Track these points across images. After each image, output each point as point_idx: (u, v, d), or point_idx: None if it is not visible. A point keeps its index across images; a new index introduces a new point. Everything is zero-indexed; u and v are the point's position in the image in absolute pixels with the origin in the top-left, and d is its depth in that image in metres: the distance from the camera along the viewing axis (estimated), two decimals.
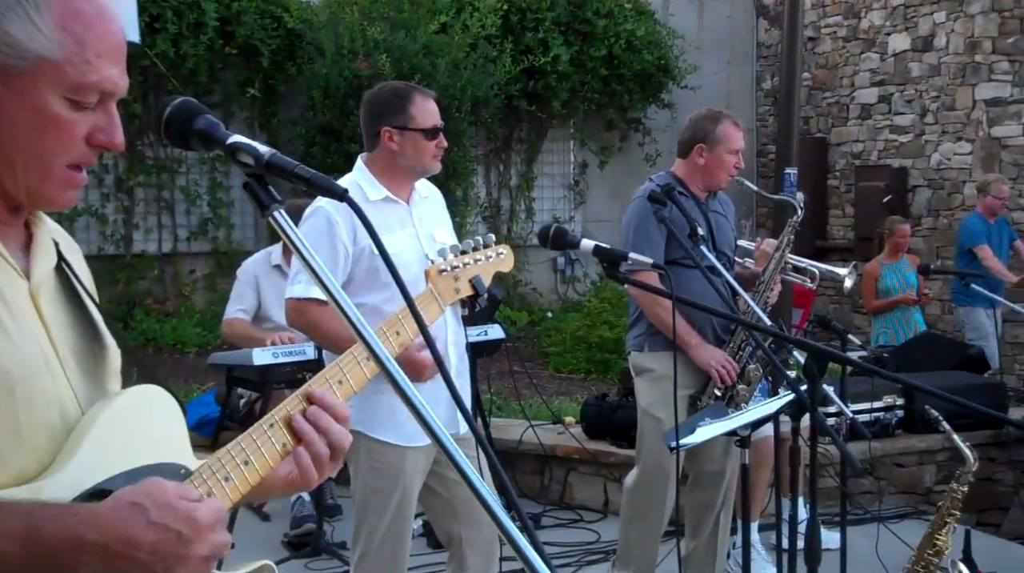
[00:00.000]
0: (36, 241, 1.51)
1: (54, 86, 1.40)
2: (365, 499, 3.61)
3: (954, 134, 10.98)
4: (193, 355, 9.51)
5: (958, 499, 4.02)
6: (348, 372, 1.71)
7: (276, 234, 5.30)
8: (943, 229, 11.08)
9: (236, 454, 1.54)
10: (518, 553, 1.34)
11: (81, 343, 1.52)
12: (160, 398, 1.54)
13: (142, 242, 10.56)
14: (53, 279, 1.51)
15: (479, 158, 11.51)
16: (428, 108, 3.66)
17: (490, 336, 5.97)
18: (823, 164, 12.67)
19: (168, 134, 1.53)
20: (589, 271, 12.07)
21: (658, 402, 4.44)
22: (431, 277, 2.09)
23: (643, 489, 4.59)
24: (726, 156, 4.52)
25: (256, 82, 10.20)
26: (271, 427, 1.57)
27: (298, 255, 1.47)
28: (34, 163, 1.42)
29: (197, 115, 1.52)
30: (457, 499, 3.66)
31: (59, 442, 1.42)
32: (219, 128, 1.52)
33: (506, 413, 7.26)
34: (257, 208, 1.47)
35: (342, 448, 1.60)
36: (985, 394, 6.40)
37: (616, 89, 11.81)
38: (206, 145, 1.52)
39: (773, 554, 5.01)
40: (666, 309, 4.34)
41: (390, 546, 3.60)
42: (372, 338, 1.43)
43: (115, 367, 1.59)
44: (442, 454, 1.39)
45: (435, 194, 3.86)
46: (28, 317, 1.44)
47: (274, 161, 1.47)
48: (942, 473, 6.48)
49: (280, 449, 1.57)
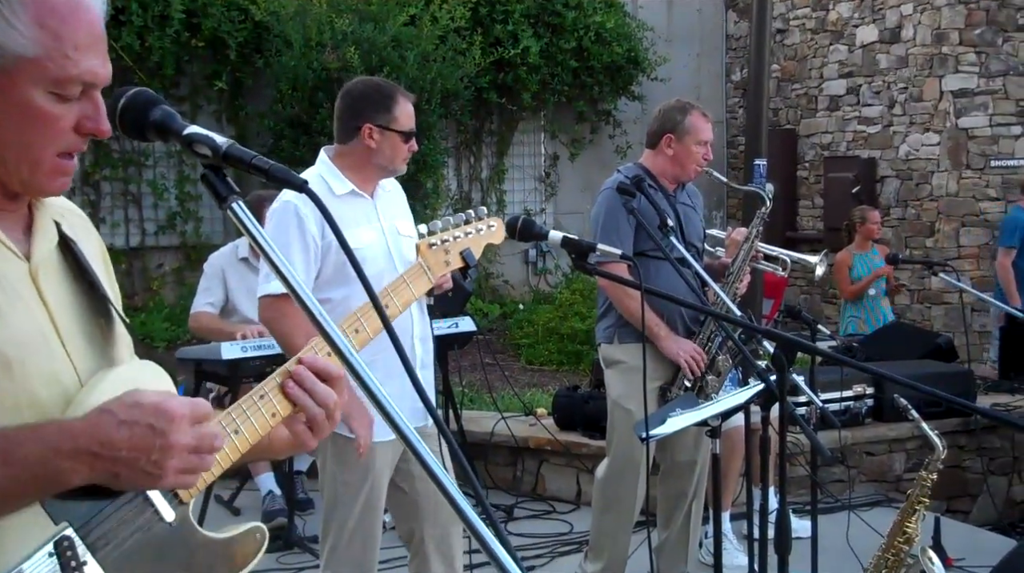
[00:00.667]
0: (36, 223, 1.54)
1: (36, 82, 1.42)
2: (334, 493, 3.59)
3: (922, 125, 11.05)
4: (162, 350, 9.43)
5: (928, 487, 4.05)
6: None
7: None
8: (911, 219, 11.15)
9: (227, 424, 1.58)
10: (483, 546, 1.32)
11: (86, 319, 1.56)
12: (155, 371, 1.59)
13: (109, 236, 10.44)
14: (56, 258, 1.55)
15: (449, 150, 11.48)
16: (408, 111, 3.64)
17: (461, 328, 5.96)
18: (792, 155, 12.72)
19: (123, 126, 1.50)
20: (561, 263, 12.07)
21: (628, 393, 4.44)
22: (421, 251, 2.09)
23: (614, 480, 4.59)
24: (694, 147, 4.52)
25: (223, 75, 10.11)
26: (261, 398, 1.62)
27: (257, 247, 1.45)
28: (24, 156, 1.45)
29: (153, 106, 1.49)
30: (420, 496, 3.66)
31: (59, 414, 1.46)
32: (175, 119, 1.49)
33: (478, 405, 7.25)
34: (215, 199, 1.45)
35: (331, 407, 1.63)
36: (954, 383, 6.45)
37: (586, 81, 11.81)
38: (162, 136, 1.50)
39: (744, 543, 5.03)
40: (635, 300, 4.33)
41: (360, 539, 3.58)
42: (335, 333, 1.41)
43: (125, 340, 1.63)
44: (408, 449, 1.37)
45: (396, 187, 3.84)
46: (27, 297, 1.47)
47: (231, 152, 1.46)
48: (912, 461, 6.53)
49: (270, 418, 1.62)
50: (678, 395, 4.42)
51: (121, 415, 1.39)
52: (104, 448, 1.37)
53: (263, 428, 1.61)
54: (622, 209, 4.35)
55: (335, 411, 1.64)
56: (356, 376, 1.42)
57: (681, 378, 4.44)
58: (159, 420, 1.39)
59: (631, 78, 12.07)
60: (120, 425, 1.38)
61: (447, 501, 1.37)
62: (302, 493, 5.85)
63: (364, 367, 1.42)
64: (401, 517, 3.78)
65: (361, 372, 1.41)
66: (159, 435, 1.38)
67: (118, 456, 1.37)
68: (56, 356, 1.48)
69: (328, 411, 1.63)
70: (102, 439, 1.37)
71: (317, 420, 1.63)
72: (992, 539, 5.76)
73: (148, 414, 1.39)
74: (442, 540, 3.69)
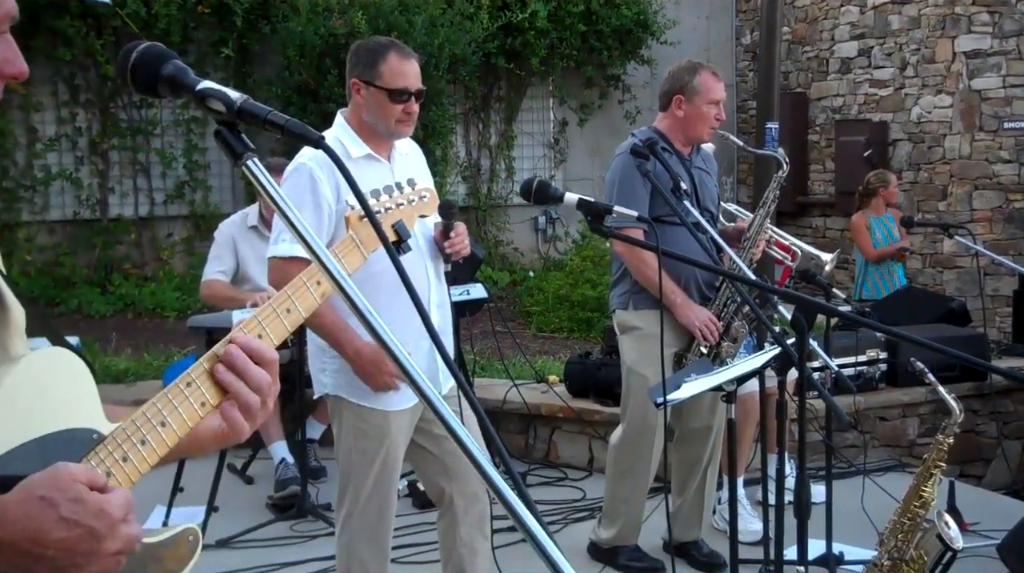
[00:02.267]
0: None
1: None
2: (349, 461, 3.57)
3: (934, 87, 10.94)
4: (172, 319, 9.43)
5: (944, 451, 4.02)
6: (268, 325, 1.59)
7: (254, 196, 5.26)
8: (923, 183, 11.07)
9: (152, 416, 1.45)
10: (506, 506, 1.29)
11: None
12: (68, 360, 1.46)
13: (118, 206, 10.43)
14: None
15: (458, 117, 11.40)
16: (400, 69, 3.52)
17: (472, 295, 5.94)
18: (803, 119, 12.62)
19: (134, 81, 1.45)
20: (570, 230, 12.02)
21: (643, 360, 4.41)
22: (351, 224, 1.94)
23: (629, 446, 4.56)
24: (705, 107, 4.45)
25: (230, 42, 10.04)
26: (188, 386, 1.48)
27: (274, 206, 1.41)
28: None
29: (165, 60, 1.44)
30: (447, 455, 3.64)
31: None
32: (188, 74, 1.44)
33: (489, 373, 7.23)
34: (229, 157, 1.40)
35: (265, 392, 1.51)
36: (967, 346, 6.40)
37: (595, 45, 11.70)
38: (175, 92, 1.44)
39: (758, 509, 5.02)
40: (650, 266, 4.30)
41: (375, 506, 3.57)
42: (354, 292, 1.38)
43: (19, 327, 1.48)
44: (429, 410, 1.33)
45: (415, 150, 3.78)
46: None
47: (246, 107, 1.40)
48: (925, 426, 6.50)
49: (199, 407, 1.48)
50: (693, 361, 4.38)
51: (63, 511, 1.26)
52: (34, 545, 1.26)
53: (192, 418, 1.47)
54: (638, 173, 4.30)
55: (269, 397, 1.52)
56: (377, 337, 1.37)
57: (696, 345, 4.41)
58: (100, 524, 1.28)
59: (640, 42, 11.96)
60: (59, 522, 1.26)
61: (469, 460, 1.34)
62: (315, 461, 5.84)
63: (384, 327, 1.38)
64: (430, 477, 3.77)
65: (382, 333, 1.37)
66: (96, 540, 1.28)
67: (43, 553, 1.26)
68: None
69: (262, 396, 1.51)
70: (34, 535, 1.25)
71: (251, 407, 1.50)
72: (1006, 503, 5.74)
73: (90, 516, 1.28)
74: (472, 498, 3.69)
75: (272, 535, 5.11)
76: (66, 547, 1.27)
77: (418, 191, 2.17)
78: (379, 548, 3.63)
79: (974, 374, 6.51)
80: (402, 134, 3.59)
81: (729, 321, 4.43)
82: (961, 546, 3.82)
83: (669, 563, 4.59)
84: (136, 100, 10.32)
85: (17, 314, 1.47)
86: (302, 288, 1.63)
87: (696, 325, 4.36)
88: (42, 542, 1.26)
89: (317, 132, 1.40)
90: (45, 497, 1.27)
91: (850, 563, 4.49)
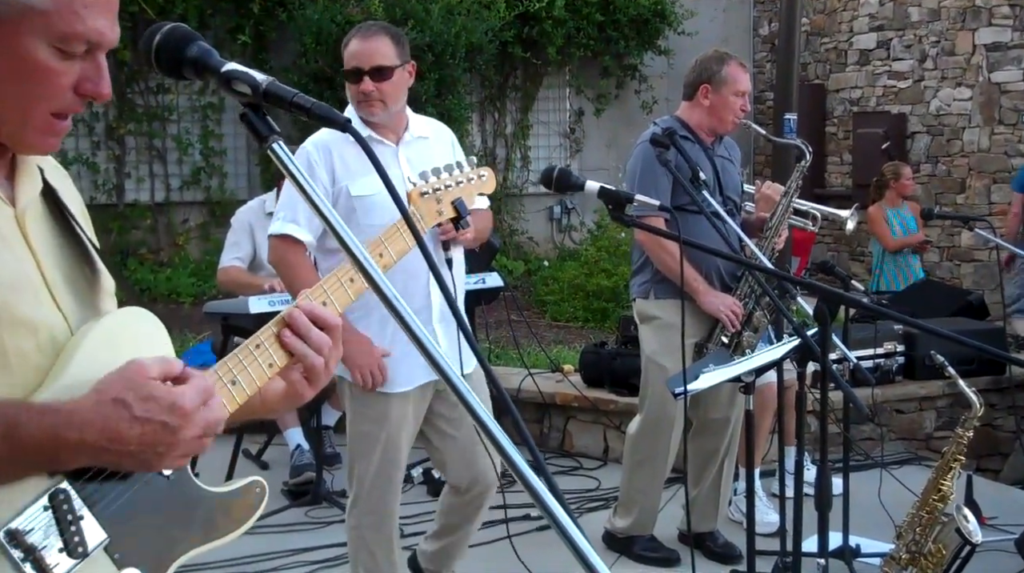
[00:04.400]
0: (19, 168, 1.49)
1: (41, 35, 1.37)
2: (353, 443, 3.63)
3: (954, 79, 10.86)
4: (188, 305, 9.45)
5: (963, 444, 3.99)
6: (332, 294, 1.68)
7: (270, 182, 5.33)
8: (942, 176, 11.00)
9: (223, 374, 1.53)
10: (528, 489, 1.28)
11: (72, 266, 1.52)
12: (146, 318, 1.54)
13: (134, 191, 10.45)
14: (40, 205, 1.51)
15: (474, 105, 11.38)
16: (353, 50, 3.55)
17: (488, 284, 5.92)
18: (821, 111, 12.55)
19: (159, 63, 1.44)
20: (586, 220, 11.99)
21: (663, 350, 4.40)
22: (412, 199, 2.04)
23: (647, 436, 4.55)
24: (732, 98, 4.43)
25: (247, 28, 10.04)
26: (257, 348, 1.57)
27: (297, 187, 1.40)
28: (16, 109, 1.40)
29: (190, 42, 1.43)
30: (448, 448, 3.70)
31: (49, 363, 1.42)
32: (213, 55, 1.43)
33: (504, 361, 7.22)
34: (255, 139, 1.40)
35: (326, 354, 1.59)
36: (985, 340, 6.33)
37: (612, 35, 11.66)
38: (199, 74, 1.44)
39: (773, 500, 5.00)
40: (672, 255, 4.28)
41: (379, 490, 3.60)
42: (374, 270, 1.37)
43: (108, 289, 1.59)
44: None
45: (438, 133, 3.75)
46: (14, 242, 1.43)
47: (272, 90, 1.40)
48: (942, 419, 6.47)
49: (267, 368, 1.57)
50: (714, 351, 4.37)
51: (136, 410, 1.34)
52: (113, 443, 1.34)
53: (260, 379, 1.55)
54: (659, 162, 4.28)
55: (331, 360, 1.60)
56: (395, 313, 1.36)
57: (717, 335, 4.39)
58: (173, 417, 1.36)
59: (657, 32, 11.91)
60: (133, 421, 1.34)
61: (488, 439, 1.32)
62: (330, 447, 5.85)
63: (404, 305, 1.37)
64: (442, 469, 3.83)
65: (400, 309, 1.36)
66: (170, 432, 1.36)
67: (126, 449, 1.35)
68: (44, 303, 1.44)
69: (324, 358, 1.59)
70: (112, 435, 1.34)
71: (315, 368, 1.59)
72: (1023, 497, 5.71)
73: (163, 410, 1.36)
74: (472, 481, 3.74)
75: (287, 521, 5.12)
76: (145, 442, 1.35)
77: (477, 171, 2.20)
78: (384, 533, 3.66)
79: (992, 368, 6.48)
80: (369, 115, 3.53)
81: (751, 311, 4.41)
82: (980, 540, 3.80)
83: (684, 553, 4.59)
84: (153, 86, 10.33)
85: (107, 281, 1.59)
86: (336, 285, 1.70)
87: (722, 310, 4.33)
88: (121, 440, 1.34)
89: (343, 115, 1.39)
90: (118, 398, 1.35)
91: (867, 556, 4.47)
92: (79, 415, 1.33)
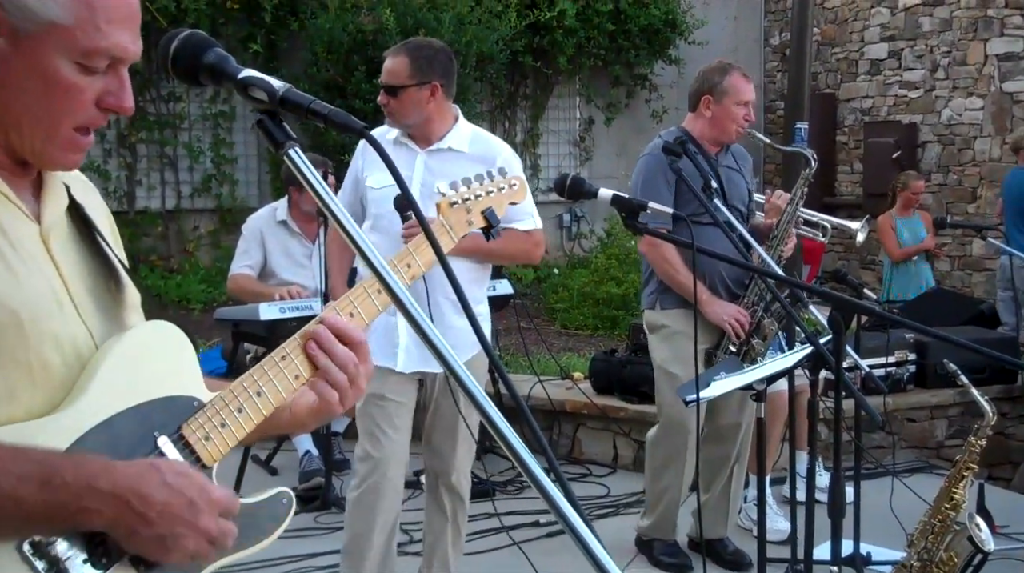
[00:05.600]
0: (46, 185, 1.51)
1: (64, 50, 1.38)
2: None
3: (965, 89, 10.85)
4: (198, 312, 9.47)
5: (976, 453, 3.98)
6: (359, 304, 1.69)
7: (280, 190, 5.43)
8: (953, 185, 10.98)
9: (248, 386, 1.55)
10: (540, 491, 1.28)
11: (96, 282, 1.53)
12: (171, 332, 1.56)
13: (145, 199, 10.49)
14: (66, 221, 1.52)
15: (484, 114, 11.39)
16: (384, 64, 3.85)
17: (498, 291, 5.93)
18: (831, 120, 12.55)
19: (175, 69, 1.45)
20: (595, 227, 11.99)
21: (672, 358, 4.44)
22: (442, 209, 2.05)
23: (663, 443, 4.62)
24: (734, 108, 4.44)
25: (258, 37, 10.08)
26: (283, 359, 1.58)
27: (315, 196, 1.41)
28: (40, 125, 1.41)
29: (207, 48, 1.45)
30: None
31: (73, 378, 1.43)
32: (230, 62, 1.44)
33: (514, 368, 7.22)
34: (271, 146, 1.40)
35: (351, 371, 1.58)
36: (997, 349, 6.32)
37: (623, 44, 11.67)
38: (216, 80, 1.44)
39: (783, 508, 4.99)
40: (672, 264, 4.34)
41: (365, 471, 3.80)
42: (386, 271, 1.37)
43: (134, 303, 1.60)
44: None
45: (483, 151, 3.80)
46: (38, 259, 1.44)
47: (289, 96, 1.40)
48: (953, 428, 6.45)
49: (292, 379, 1.57)
50: (723, 359, 4.38)
51: (168, 477, 1.37)
52: (138, 501, 1.34)
53: (286, 390, 1.56)
54: (661, 174, 4.32)
55: (358, 377, 1.59)
56: (405, 312, 1.37)
57: (726, 342, 4.40)
58: (200, 499, 1.38)
59: (668, 41, 11.92)
60: (163, 486, 1.36)
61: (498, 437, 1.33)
62: (339, 453, 5.85)
63: (413, 303, 1.37)
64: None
65: (410, 308, 1.37)
66: (193, 511, 1.38)
67: (145, 513, 1.35)
68: (69, 318, 1.45)
69: (349, 375, 1.59)
70: (141, 492, 1.35)
71: (339, 383, 1.58)
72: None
73: (193, 489, 1.38)
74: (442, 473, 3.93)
75: (296, 526, 5.07)
76: (168, 512, 1.36)
77: (508, 179, 2.20)
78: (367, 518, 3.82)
79: (1003, 376, 6.47)
80: (392, 125, 3.84)
81: (759, 318, 4.41)
82: (992, 548, 3.79)
83: (698, 561, 4.59)
84: (164, 94, 10.38)
85: (132, 295, 1.60)
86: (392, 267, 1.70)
87: (726, 319, 4.36)
88: (145, 500, 1.35)
89: (360, 122, 1.40)
90: (154, 464, 1.39)
91: (878, 563, 4.46)
92: (115, 467, 1.35)
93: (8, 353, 1.37)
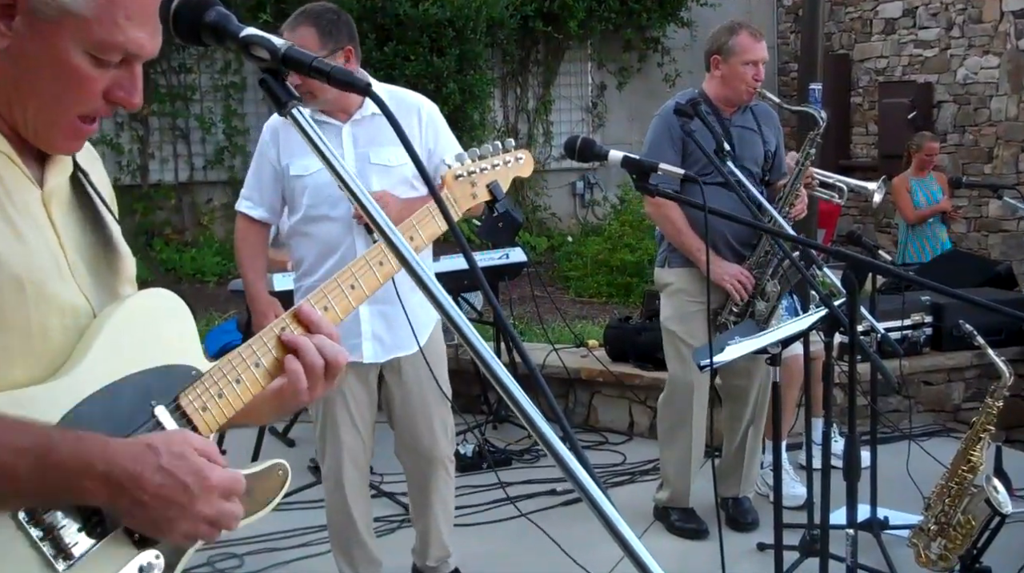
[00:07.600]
0: None
1: (79, 40, 1.38)
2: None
3: (981, 47, 10.72)
4: (213, 284, 9.49)
5: (993, 414, 3.95)
6: (360, 277, 1.69)
7: None
8: (968, 145, 10.87)
9: (247, 357, 1.55)
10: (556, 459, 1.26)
11: (93, 250, 1.52)
12: (171, 301, 1.55)
13: (158, 172, 10.49)
14: (67, 189, 1.52)
15: (495, 81, 11.33)
16: None
17: (512, 259, 5.91)
18: (846, 81, 12.42)
19: (176, 29, 1.43)
20: (609, 195, 11.94)
21: (674, 316, 4.51)
22: (447, 182, 2.04)
23: (670, 403, 4.64)
24: (741, 67, 4.42)
25: (268, 6, 10.01)
26: (282, 331, 1.58)
27: (319, 156, 1.38)
28: (46, 109, 1.42)
29: (208, 7, 1.42)
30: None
31: (71, 344, 1.43)
32: (232, 20, 1.42)
33: (528, 337, 7.21)
34: (274, 105, 1.38)
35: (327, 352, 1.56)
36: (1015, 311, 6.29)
37: (634, 8, 11.57)
38: (218, 39, 1.42)
39: (799, 473, 4.97)
40: (677, 226, 4.38)
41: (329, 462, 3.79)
42: (396, 235, 1.34)
43: (130, 275, 1.59)
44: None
45: (401, 108, 3.57)
46: (40, 223, 1.44)
47: (290, 54, 1.38)
48: (970, 391, 6.41)
49: (270, 367, 1.56)
50: (728, 319, 4.37)
51: (164, 460, 1.35)
52: (131, 485, 1.34)
53: (264, 378, 1.56)
54: (668, 135, 4.31)
55: (333, 366, 1.58)
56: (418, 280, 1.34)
57: (730, 303, 4.40)
58: (195, 483, 1.37)
59: (680, 3, 11.82)
60: (158, 469, 1.35)
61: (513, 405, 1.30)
62: None
63: (425, 271, 1.34)
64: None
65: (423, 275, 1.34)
66: (188, 496, 1.36)
67: (139, 496, 1.34)
68: (68, 284, 1.45)
69: (327, 360, 1.57)
70: (134, 474, 1.34)
71: (314, 366, 1.56)
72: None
73: (188, 472, 1.37)
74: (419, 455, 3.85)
75: (313, 497, 5.13)
76: (161, 495, 1.35)
77: (514, 154, 2.19)
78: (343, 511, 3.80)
79: (1020, 338, 6.41)
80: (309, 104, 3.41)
81: (764, 281, 4.40)
82: (1010, 511, 3.76)
83: (714, 528, 4.58)
84: (175, 66, 10.34)
85: (129, 263, 1.59)
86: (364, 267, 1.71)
87: (727, 279, 4.36)
88: (141, 485, 1.34)
89: (363, 80, 1.37)
90: (151, 445, 1.37)
91: (895, 527, 4.44)
92: (112, 447, 1.34)
93: (8, 316, 1.36)
